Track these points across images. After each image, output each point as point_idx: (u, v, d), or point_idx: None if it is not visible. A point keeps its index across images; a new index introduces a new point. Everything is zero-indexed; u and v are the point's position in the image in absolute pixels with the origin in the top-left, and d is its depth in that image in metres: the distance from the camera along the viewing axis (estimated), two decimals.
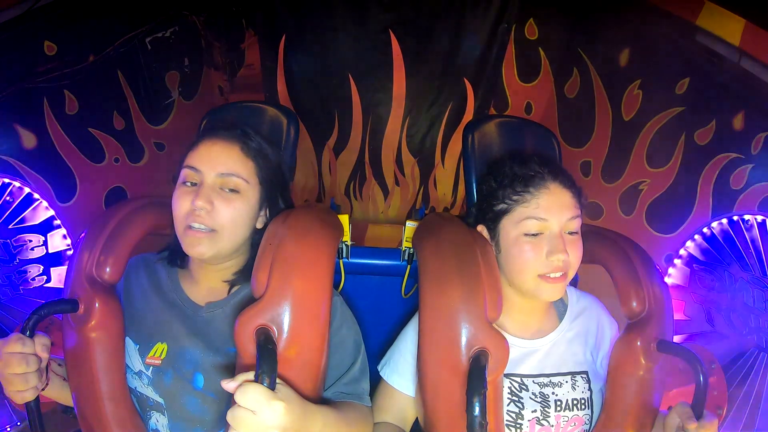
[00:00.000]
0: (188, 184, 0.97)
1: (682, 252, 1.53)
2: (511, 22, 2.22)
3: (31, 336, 0.86)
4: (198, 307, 1.02)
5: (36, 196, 1.41)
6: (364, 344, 1.05)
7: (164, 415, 0.98)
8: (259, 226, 1.03)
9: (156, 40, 1.86)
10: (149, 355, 0.98)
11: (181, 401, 0.97)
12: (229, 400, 0.75)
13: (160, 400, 0.98)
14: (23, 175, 1.41)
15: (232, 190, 0.96)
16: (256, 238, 1.04)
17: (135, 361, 0.99)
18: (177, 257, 1.08)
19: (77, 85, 1.52)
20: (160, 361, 0.98)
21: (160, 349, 0.99)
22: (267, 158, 1.02)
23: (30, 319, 0.87)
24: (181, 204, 0.95)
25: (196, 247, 0.94)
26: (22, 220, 1.40)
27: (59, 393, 1.00)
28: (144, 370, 0.98)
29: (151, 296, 1.05)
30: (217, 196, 0.94)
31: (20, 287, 1.43)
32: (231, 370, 0.92)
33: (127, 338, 1.01)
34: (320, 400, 0.91)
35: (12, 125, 1.38)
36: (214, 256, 0.98)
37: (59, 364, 1.02)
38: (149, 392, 0.98)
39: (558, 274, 0.97)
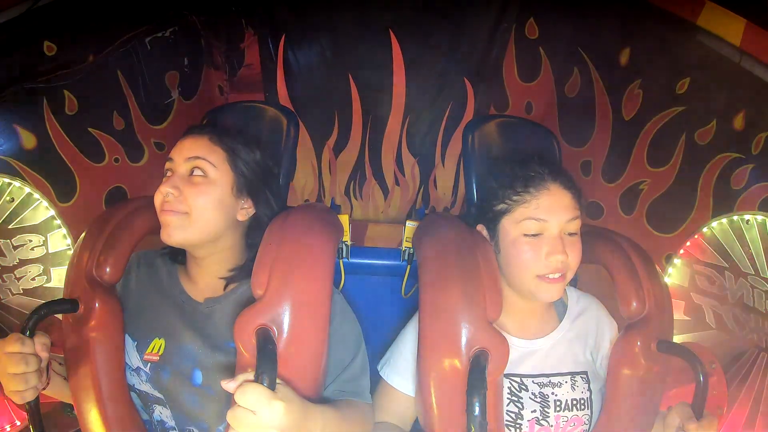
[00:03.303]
0: (166, 174, 1.01)
1: (682, 252, 1.53)
2: (511, 22, 2.22)
3: (31, 336, 0.87)
4: (197, 303, 1.03)
5: (36, 196, 1.41)
6: (364, 344, 1.06)
7: (167, 408, 0.98)
8: (240, 218, 1.04)
9: (156, 40, 1.86)
10: (147, 351, 0.99)
11: (180, 398, 0.97)
12: (228, 397, 0.75)
13: (160, 395, 0.98)
14: (23, 175, 1.41)
15: (201, 176, 0.98)
16: (251, 237, 1.04)
17: (133, 357, 1.00)
18: (178, 253, 1.08)
19: (77, 85, 1.52)
20: (158, 357, 0.98)
21: (157, 345, 0.99)
22: (243, 150, 1.04)
23: (30, 319, 0.87)
24: (156, 194, 0.98)
25: (166, 228, 0.96)
26: (22, 220, 1.40)
27: (61, 391, 1.00)
28: (142, 367, 0.99)
29: (150, 292, 1.05)
30: (185, 183, 0.97)
31: (20, 287, 1.43)
32: (230, 367, 0.93)
33: (125, 335, 1.01)
34: (320, 400, 0.92)
35: (12, 125, 1.38)
36: (186, 242, 0.99)
37: (60, 363, 1.02)
38: (148, 389, 0.99)
39: (557, 275, 0.97)
